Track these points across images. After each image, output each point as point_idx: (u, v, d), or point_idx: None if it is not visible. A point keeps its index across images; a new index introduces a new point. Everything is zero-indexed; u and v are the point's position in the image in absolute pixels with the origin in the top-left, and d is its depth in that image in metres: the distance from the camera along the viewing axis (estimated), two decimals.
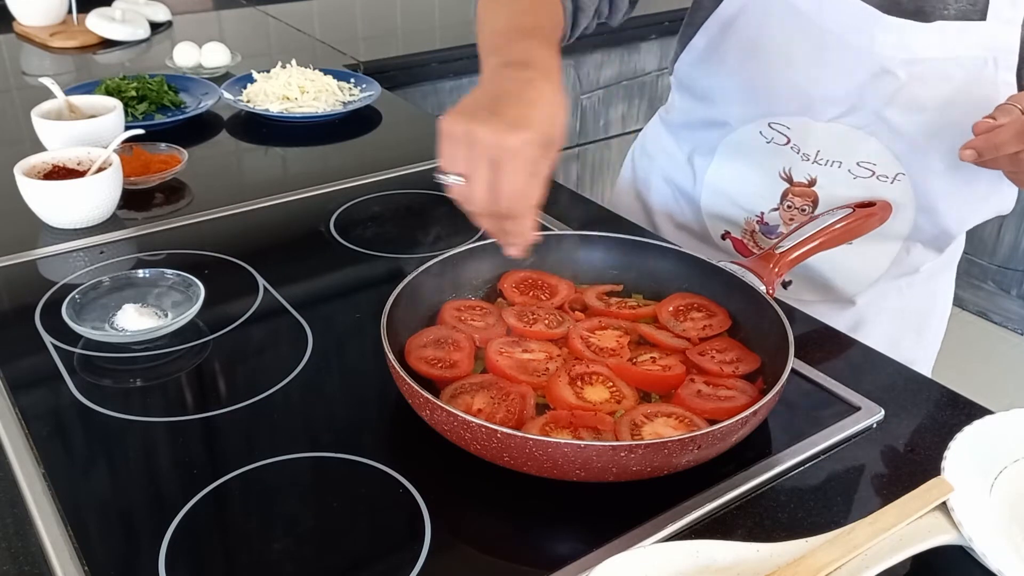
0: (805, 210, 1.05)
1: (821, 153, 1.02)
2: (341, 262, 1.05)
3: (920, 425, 0.80)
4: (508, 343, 0.83)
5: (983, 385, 2.39)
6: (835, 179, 1.03)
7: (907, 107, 0.96)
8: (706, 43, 1.06)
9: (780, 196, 1.07)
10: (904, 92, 0.96)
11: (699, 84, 1.11)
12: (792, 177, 1.05)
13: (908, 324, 1.16)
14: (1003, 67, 0.94)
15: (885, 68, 0.95)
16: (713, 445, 0.69)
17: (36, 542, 0.65)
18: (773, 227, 1.09)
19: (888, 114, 0.97)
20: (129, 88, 1.43)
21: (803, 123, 1.02)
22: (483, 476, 0.71)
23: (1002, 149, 0.82)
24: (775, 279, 0.88)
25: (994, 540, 0.64)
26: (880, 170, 1.01)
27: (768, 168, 1.06)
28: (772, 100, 1.03)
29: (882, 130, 0.99)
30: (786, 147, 1.04)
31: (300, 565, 0.64)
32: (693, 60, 1.09)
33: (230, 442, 0.77)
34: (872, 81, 0.96)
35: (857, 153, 1.01)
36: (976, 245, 2.96)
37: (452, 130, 0.68)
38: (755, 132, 1.05)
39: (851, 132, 1.00)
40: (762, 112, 1.04)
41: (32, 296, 0.94)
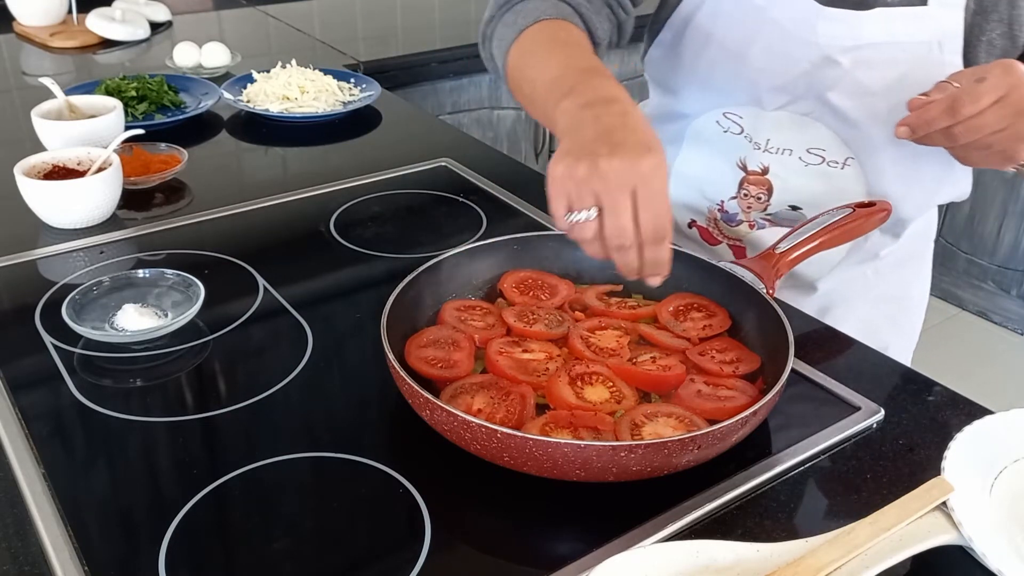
0: (760, 198, 1.08)
1: (771, 141, 1.04)
2: (341, 262, 1.05)
3: (920, 425, 0.80)
4: (508, 343, 0.83)
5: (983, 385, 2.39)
6: (787, 167, 1.05)
7: (851, 92, 0.98)
8: (671, 38, 1.09)
9: (737, 185, 1.09)
10: (848, 78, 0.97)
11: (665, 78, 1.14)
12: (747, 166, 1.07)
13: (880, 311, 1.16)
14: (948, 50, 0.95)
15: (827, 56, 0.97)
16: (713, 445, 0.69)
17: (36, 542, 0.65)
18: (733, 215, 1.11)
19: (833, 100, 0.99)
20: (129, 88, 1.43)
21: (753, 112, 1.04)
22: (483, 476, 0.71)
23: (933, 124, 0.83)
24: (775, 279, 0.88)
25: (994, 540, 0.64)
26: (830, 156, 1.03)
27: (725, 157, 1.09)
28: (725, 91, 1.05)
29: (828, 116, 1.01)
30: (740, 136, 1.06)
31: (300, 565, 0.64)
32: (660, 55, 1.12)
33: (230, 442, 0.77)
34: (815, 69, 0.98)
35: (806, 140, 1.03)
36: (976, 245, 2.96)
37: (572, 171, 0.68)
38: (712, 122, 1.08)
39: (798, 119, 1.02)
40: (717, 103, 1.07)
41: (32, 296, 0.94)
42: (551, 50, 0.87)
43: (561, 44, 0.88)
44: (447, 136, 1.44)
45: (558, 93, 0.78)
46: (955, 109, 0.82)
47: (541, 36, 0.89)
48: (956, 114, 0.82)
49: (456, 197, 1.19)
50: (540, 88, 0.83)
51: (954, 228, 3.02)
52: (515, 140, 2.11)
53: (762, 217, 1.09)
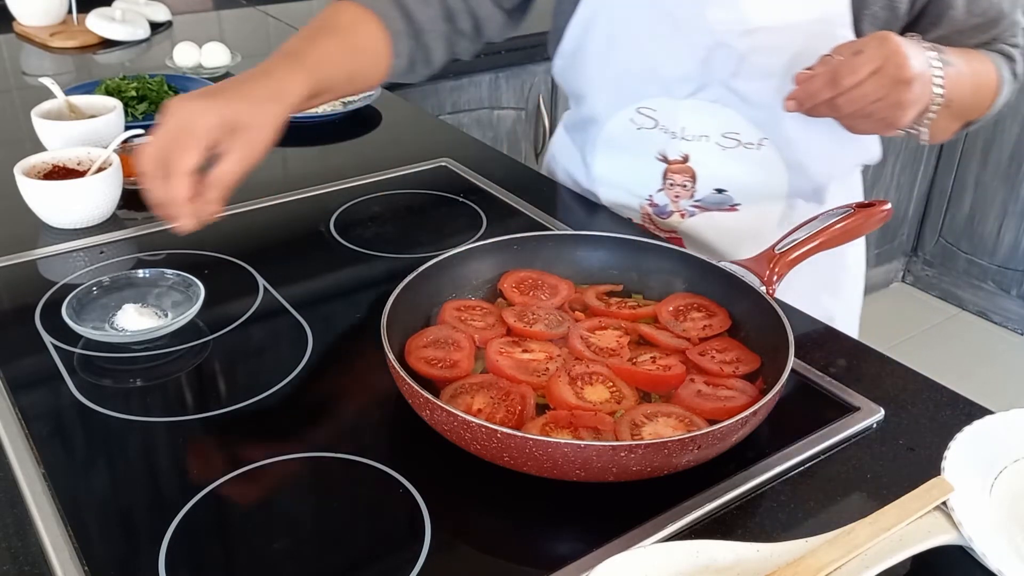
0: (686, 186, 1.11)
1: (687, 129, 1.07)
2: (341, 262, 1.05)
3: (920, 425, 0.80)
4: (508, 343, 0.83)
5: (983, 385, 2.39)
6: (705, 152, 1.08)
7: (753, 76, 1.00)
8: (573, 45, 1.11)
9: (662, 177, 1.11)
10: (747, 63, 1.00)
11: (574, 86, 1.16)
12: (667, 156, 1.10)
13: (819, 280, 1.17)
14: (839, 25, 0.97)
15: (721, 42, 0.99)
16: (713, 445, 0.69)
17: (36, 542, 0.65)
18: (663, 207, 1.14)
19: (736, 85, 1.02)
20: (129, 88, 1.43)
21: (665, 103, 1.07)
22: (483, 476, 0.71)
23: (817, 96, 0.87)
24: (775, 279, 0.88)
25: (994, 540, 0.64)
26: (744, 138, 1.06)
27: (645, 153, 1.11)
28: (635, 87, 1.08)
29: (735, 101, 1.03)
30: (655, 130, 1.09)
31: (300, 565, 0.64)
32: (565, 65, 1.15)
33: (230, 442, 0.77)
34: (713, 56, 1.00)
35: (719, 125, 1.06)
36: (976, 245, 2.96)
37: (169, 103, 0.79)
38: (626, 120, 1.11)
39: (708, 106, 1.05)
40: (629, 100, 1.09)
41: (32, 296, 0.94)
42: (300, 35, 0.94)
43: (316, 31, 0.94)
44: (447, 136, 1.44)
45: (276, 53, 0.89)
46: (835, 81, 0.85)
47: (318, 19, 0.96)
48: (837, 85, 0.85)
49: (456, 197, 1.19)
50: None
51: (954, 228, 3.02)
52: (515, 140, 2.11)
53: (691, 205, 1.12)
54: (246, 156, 0.80)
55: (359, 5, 0.98)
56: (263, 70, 0.85)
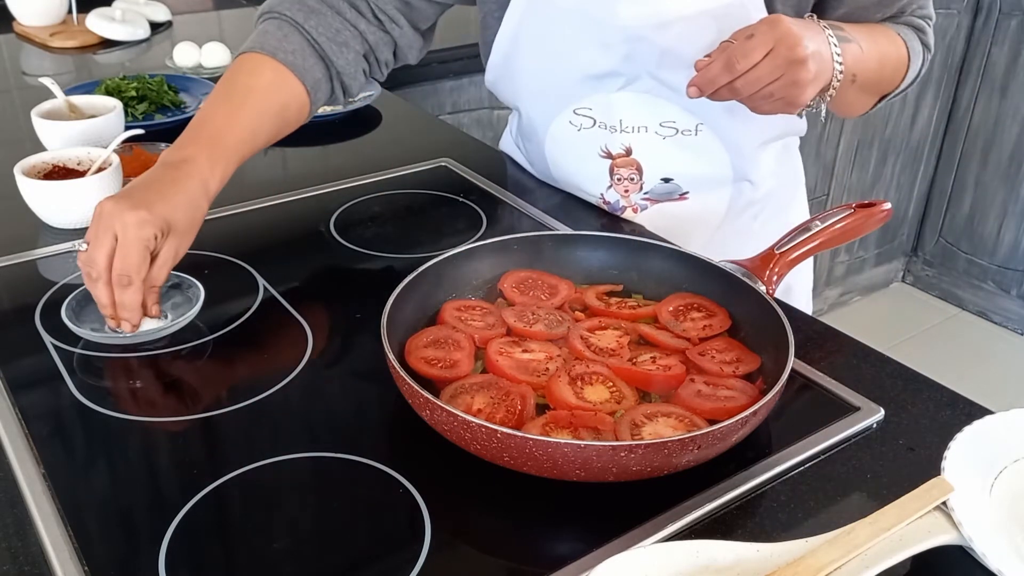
0: (633, 179, 1.12)
1: (624, 121, 1.09)
2: (341, 262, 1.05)
3: (920, 425, 0.80)
4: (508, 343, 0.83)
5: (983, 385, 2.39)
6: (646, 143, 1.09)
7: (676, 66, 1.01)
8: (502, 57, 1.13)
9: (608, 173, 1.13)
10: (668, 55, 1.01)
11: (508, 96, 1.19)
12: (611, 151, 1.11)
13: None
14: (753, 8, 0.99)
15: (638, 36, 1.01)
16: (713, 445, 0.69)
17: (36, 542, 0.65)
18: (615, 204, 1.15)
19: (663, 76, 1.04)
20: (129, 88, 1.43)
21: (599, 100, 1.09)
22: (483, 476, 0.71)
23: (716, 82, 0.89)
24: (775, 279, 0.88)
25: (994, 540, 0.64)
26: (681, 125, 1.08)
27: (589, 152, 1.13)
28: (567, 89, 1.09)
29: (665, 91, 1.05)
30: (595, 128, 1.10)
31: (300, 565, 0.64)
32: (496, 77, 1.16)
33: (230, 442, 0.77)
34: (633, 50, 1.02)
35: (655, 115, 1.07)
36: (976, 245, 2.96)
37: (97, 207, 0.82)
38: (565, 123, 1.12)
39: (641, 97, 1.06)
40: (564, 103, 1.11)
41: (32, 296, 0.94)
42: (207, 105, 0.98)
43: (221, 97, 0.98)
44: (447, 136, 1.44)
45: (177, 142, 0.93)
46: (731, 65, 0.88)
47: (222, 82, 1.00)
48: (732, 70, 0.88)
49: (456, 197, 1.19)
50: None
51: (954, 228, 3.02)
52: None
53: (642, 198, 1.13)
54: (176, 256, 0.86)
55: (274, 60, 1.00)
56: (185, 163, 0.89)
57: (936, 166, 3.03)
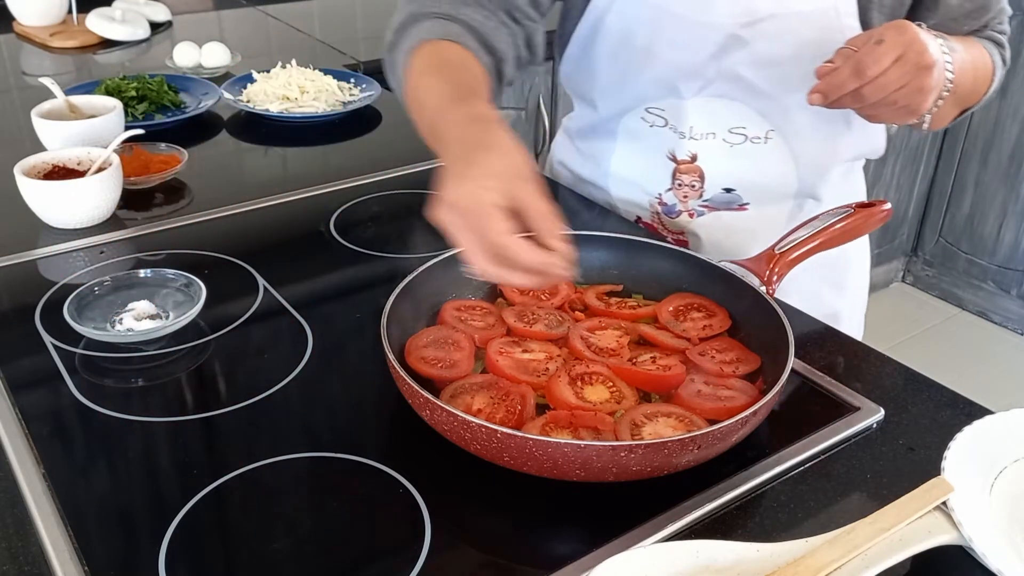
0: (694, 186, 1.11)
1: (695, 128, 1.08)
2: (341, 262, 1.05)
3: (920, 425, 0.80)
4: (508, 343, 0.83)
5: (983, 385, 2.39)
6: (713, 150, 1.09)
7: (758, 64, 1.02)
8: (579, 51, 1.12)
9: (671, 176, 1.12)
10: (752, 51, 1.01)
11: (582, 89, 1.17)
12: (676, 156, 1.10)
13: (823, 278, 1.18)
14: (844, 14, 0.99)
15: (731, 35, 1.00)
16: (713, 445, 0.69)
17: (36, 542, 0.65)
18: (672, 207, 1.14)
19: (744, 75, 1.03)
20: (129, 88, 1.43)
21: (673, 104, 1.08)
22: (483, 476, 0.71)
23: (843, 88, 0.88)
24: (775, 279, 0.88)
25: (994, 540, 0.64)
26: (751, 132, 1.07)
27: (656, 151, 1.12)
28: (643, 88, 1.09)
29: (742, 92, 1.04)
30: (665, 128, 1.10)
31: (300, 565, 0.64)
32: (572, 69, 1.15)
33: (230, 442, 0.77)
34: (721, 50, 1.02)
35: (726, 121, 1.07)
36: (976, 245, 2.96)
37: (439, 218, 0.71)
38: (638, 119, 1.11)
39: (715, 102, 1.06)
40: (638, 101, 1.10)
41: (32, 296, 0.94)
42: (431, 81, 0.88)
43: (439, 70, 0.90)
44: None
45: (431, 136, 0.82)
46: (861, 71, 0.87)
47: (425, 65, 0.91)
48: (863, 76, 0.87)
49: None
50: (424, 128, 0.86)
51: (954, 228, 3.02)
52: None
53: (700, 205, 1.12)
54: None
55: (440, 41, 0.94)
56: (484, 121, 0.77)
57: (936, 166, 3.03)
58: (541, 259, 0.68)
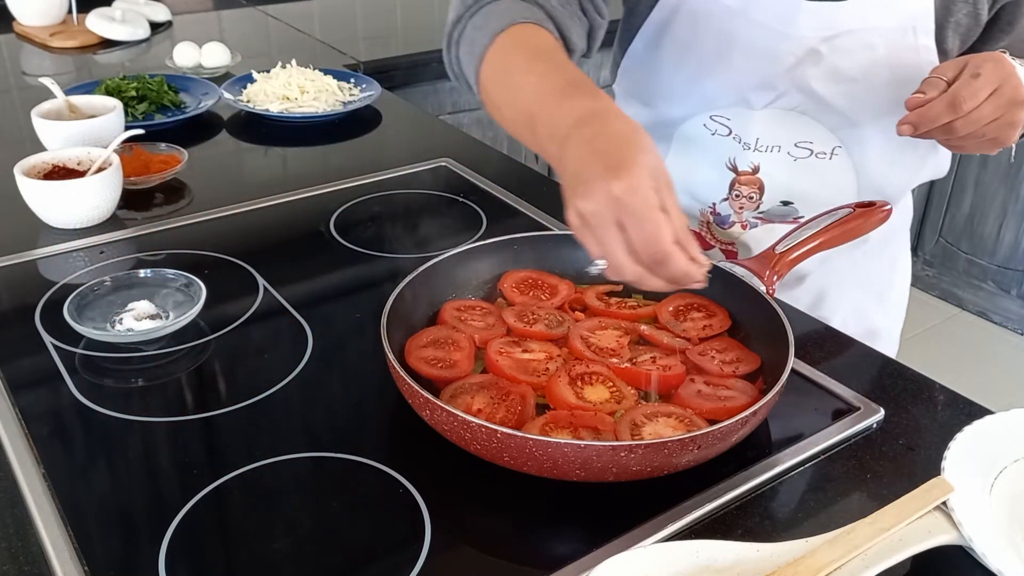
0: (752, 198, 1.09)
1: (760, 140, 1.05)
2: (341, 262, 1.05)
3: (920, 425, 0.80)
4: (508, 343, 0.83)
5: (983, 385, 2.39)
6: (776, 163, 1.06)
7: (833, 79, 1.00)
8: (644, 47, 1.09)
9: (729, 186, 1.09)
10: (827, 65, 0.99)
11: (641, 89, 1.14)
12: (737, 167, 1.08)
13: (870, 295, 1.17)
14: (922, 32, 0.97)
15: (811, 48, 0.98)
16: (713, 445, 0.69)
17: (36, 542, 0.65)
18: (725, 217, 1.12)
19: (817, 89, 1.01)
20: (129, 88, 1.43)
21: (740, 113, 1.05)
22: (483, 476, 0.71)
23: (937, 121, 0.87)
24: (775, 279, 0.88)
25: (994, 540, 0.64)
26: (817, 147, 1.04)
27: (715, 159, 1.09)
28: (709, 95, 1.06)
29: (813, 107, 1.02)
30: (729, 138, 1.07)
31: (300, 565, 0.64)
32: (633, 65, 1.12)
33: (230, 442, 0.77)
34: (798, 63, 0.99)
35: (794, 134, 1.04)
36: (976, 245, 2.96)
37: (572, 223, 0.68)
38: (698, 126, 1.08)
39: (785, 115, 1.03)
40: (702, 107, 1.07)
41: (32, 296, 0.94)
42: (527, 63, 0.83)
43: (536, 55, 0.84)
44: (447, 136, 1.44)
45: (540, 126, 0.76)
46: (957, 105, 0.85)
47: (515, 45, 0.85)
48: (958, 110, 0.85)
49: (456, 197, 1.19)
50: (519, 117, 0.81)
51: (954, 228, 3.02)
52: (515, 140, 2.11)
53: (754, 216, 1.10)
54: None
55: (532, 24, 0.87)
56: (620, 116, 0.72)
57: None
58: (691, 270, 0.67)
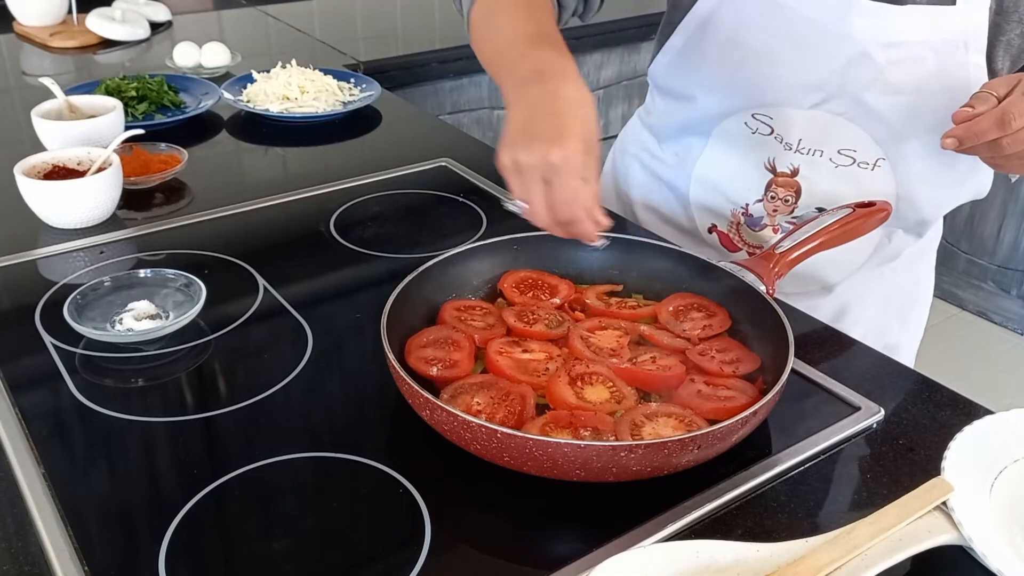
0: (788, 200, 1.07)
1: (803, 142, 1.04)
2: (341, 262, 1.05)
3: (920, 425, 0.80)
4: (508, 343, 0.83)
5: (983, 385, 2.39)
6: (817, 168, 1.04)
7: (884, 91, 0.98)
8: (684, 42, 1.08)
9: (764, 187, 1.08)
10: (881, 76, 0.97)
11: (678, 83, 1.12)
12: (776, 167, 1.06)
13: (892, 310, 1.17)
14: (973, 50, 0.96)
15: (863, 52, 0.97)
16: (713, 445, 0.69)
17: (36, 542, 0.65)
18: (757, 219, 1.10)
19: (867, 98, 0.99)
20: (129, 88, 1.43)
21: (785, 112, 1.03)
22: (483, 476, 0.71)
23: (983, 137, 0.85)
24: (775, 279, 0.88)
25: (994, 540, 0.64)
26: (860, 157, 1.03)
27: (753, 159, 1.08)
28: (754, 92, 1.04)
29: (861, 115, 1.00)
30: (770, 137, 1.05)
31: (300, 565, 0.64)
32: (671, 60, 1.11)
33: (230, 442, 0.77)
34: (850, 66, 0.98)
35: (838, 140, 1.03)
36: (976, 245, 2.96)
37: (504, 164, 0.74)
38: (740, 123, 1.07)
39: (831, 119, 1.02)
40: (745, 104, 1.05)
41: (32, 296, 0.94)
42: (512, 10, 0.88)
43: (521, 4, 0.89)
44: (447, 136, 1.44)
45: (506, 64, 0.82)
46: (1006, 122, 0.83)
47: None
48: (1007, 127, 0.83)
49: (456, 197, 1.19)
50: (489, 58, 0.87)
51: (954, 228, 3.02)
52: None
53: (787, 220, 1.08)
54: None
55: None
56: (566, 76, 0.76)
57: None
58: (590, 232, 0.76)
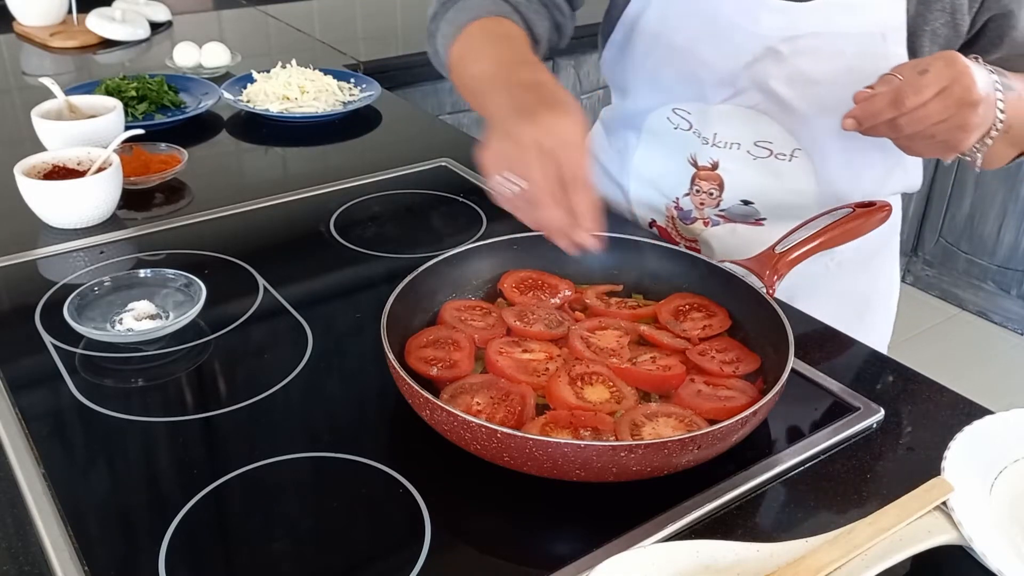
0: (712, 194, 1.09)
1: (719, 136, 1.06)
2: (341, 262, 1.05)
3: (920, 425, 0.80)
4: (508, 343, 0.83)
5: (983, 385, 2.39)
6: (736, 161, 1.06)
7: (795, 81, 0.99)
8: (622, 39, 1.10)
9: (690, 181, 1.10)
10: (789, 66, 0.98)
11: (619, 78, 1.15)
12: (697, 161, 1.09)
13: (847, 307, 1.15)
14: (892, 41, 0.96)
15: (769, 47, 0.98)
16: (713, 445, 0.69)
17: (36, 542, 0.65)
18: (687, 212, 1.13)
19: (777, 89, 1.00)
20: (129, 88, 1.43)
21: (699, 108, 1.06)
22: (483, 476, 0.71)
23: (879, 116, 0.85)
24: (775, 279, 0.88)
25: (994, 540, 0.64)
26: (777, 148, 1.04)
27: (677, 154, 1.10)
28: (674, 87, 1.07)
29: (773, 107, 1.02)
30: (689, 132, 1.08)
31: (300, 565, 0.64)
32: (613, 56, 1.13)
33: (230, 442, 0.77)
34: (756, 61, 0.99)
35: (754, 133, 1.04)
36: (976, 245, 2.96)
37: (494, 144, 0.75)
38: (663, 118, 1.10)
39: (743, 112, 1.03)
40: (666, 99, 1.08)
41: (32, 296, 0.94)
42: (489, 46, 0.92)
43: (498, 39, 0.93)
44: (447, 136, 1.44)
45: (492, 84, 0.84)
46: (899, 101, 0.83)
47: (481, 32, 0.94)
48: (900, 106, 0.83)
49: (456, 197, 1.19)
50: (478, 79, 0.88)
51: (954, 228, 3.02)
52: None
53: (716, 214, 1.10)
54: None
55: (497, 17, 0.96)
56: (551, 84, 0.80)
57: (936, 166, 3.03)
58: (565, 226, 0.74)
